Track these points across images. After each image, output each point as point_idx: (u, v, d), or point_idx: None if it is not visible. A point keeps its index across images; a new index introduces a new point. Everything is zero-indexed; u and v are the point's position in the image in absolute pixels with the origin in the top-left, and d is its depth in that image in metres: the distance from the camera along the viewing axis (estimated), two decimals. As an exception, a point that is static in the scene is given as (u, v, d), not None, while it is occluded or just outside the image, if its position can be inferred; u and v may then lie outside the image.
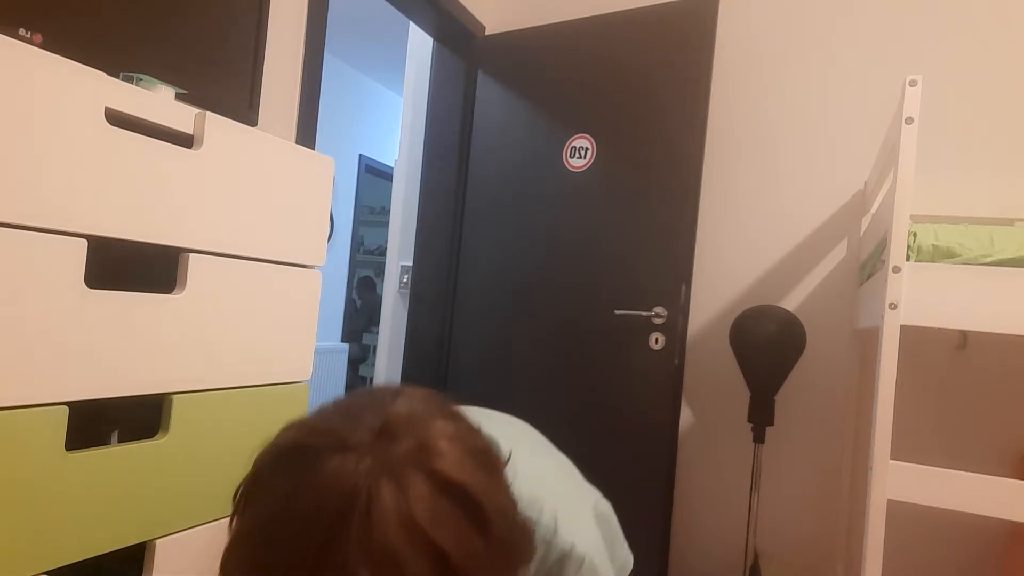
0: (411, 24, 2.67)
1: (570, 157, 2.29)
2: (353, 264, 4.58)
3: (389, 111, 4.92)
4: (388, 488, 0.43)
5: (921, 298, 1.29)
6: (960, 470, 1.26)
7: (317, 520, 0.42)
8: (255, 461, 0.48)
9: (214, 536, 0.93)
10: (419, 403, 0.49)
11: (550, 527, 0.66)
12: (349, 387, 4.65)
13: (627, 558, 0.88)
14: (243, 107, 1.52)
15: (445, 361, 2.49)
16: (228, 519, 0.94)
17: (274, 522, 0.44)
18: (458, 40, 2.50)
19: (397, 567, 0.41)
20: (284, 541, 0.43)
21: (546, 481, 0.71)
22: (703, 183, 2.23)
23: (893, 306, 1.29)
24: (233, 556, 0.45)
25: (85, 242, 0.74)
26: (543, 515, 0.66)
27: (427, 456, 0.45)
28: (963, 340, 1.88)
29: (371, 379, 5.16)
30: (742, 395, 2.09)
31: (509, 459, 0.53)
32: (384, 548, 0.41)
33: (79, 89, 0.73)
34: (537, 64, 2.37)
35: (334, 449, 0.45)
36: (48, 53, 0.70)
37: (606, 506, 0.83)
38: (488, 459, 0.49)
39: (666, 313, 2.10)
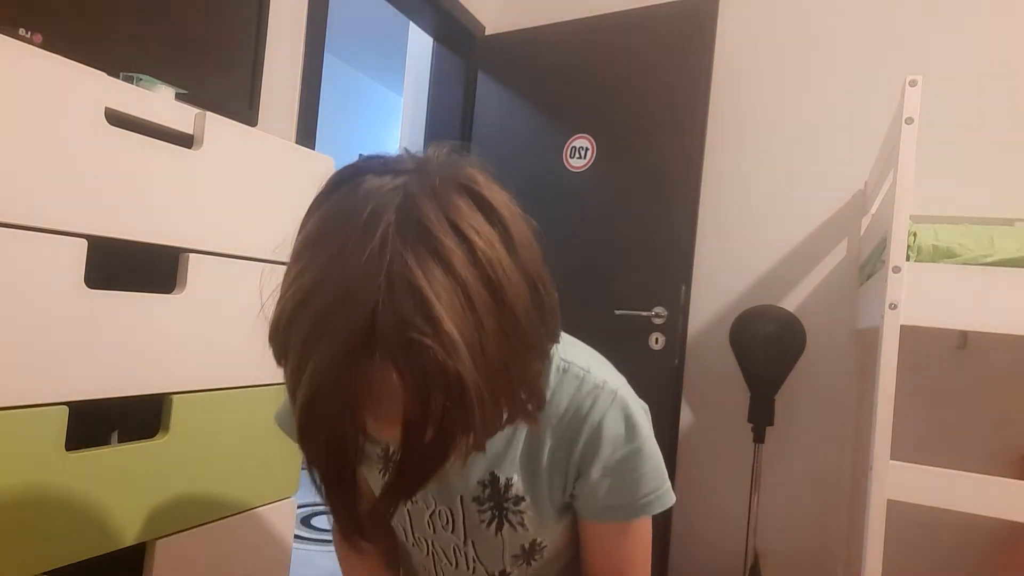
0: (411, 24, 2.67)
1: (570, 157, 2.29)
2: (353, 264, 4.58)
3: (389, 111, 4.92)
4: (425, 192, 0.47)
5: (921, 298, 1.29)
6: (960, 470, 1.26)
7: (359, 212, 0.46)
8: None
9: (214, 536, 0.93)
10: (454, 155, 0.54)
11: (583, 367, 0.66)
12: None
13: None
14: (243, 107, 1.52)
15: (445, 361, 2.49)
16: (228, 518, 0.94)
17: (323, 221, 0.49)
18: (458, 40, 2.50)
19: (434, 250, 0.45)
20: (330, 234, 0.47)
21: (584, 352, 0.71)
22: (703, 183, 2.23)
23: (893, 306, 1.29)
24: (292, 265, 0.49)
25: (85, 242, 0.74)
26: (577, 360, 0.67)
27: (463, 178, 0.49)
28: (963, 340, 1.88)
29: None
30: (742, 395, 2.09)
31: None
32: (420, 232, 0.45)
33: (79, 89, 0.73)
34: (537, 64, 2.37)
35: (378, 170, 0.50)
36: (48, 53, 0.70)
37: (644, 405, 0.81)
38: (519, 207, 0.52)
39: (666, 313, 2.10)
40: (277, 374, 1.05)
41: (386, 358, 0.44)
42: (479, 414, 0.46)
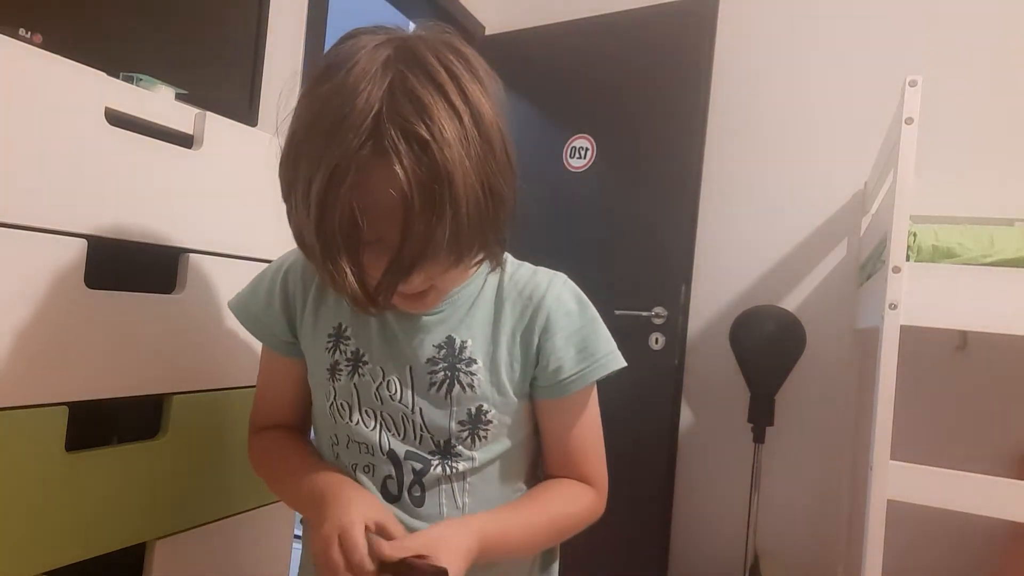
0: (411, 24, 2.67)
1: (570, 157, 2.29)
2: (353, 264, 4.57)
3: (389, 111, 4.91)
4: (417, 39, 0.59)
5: (921, 298, 1.29)
6: (960, 470, 1.26)
7: (359, 51, 0.56)
8: None
9: (214, 536, 0.93)
10: None
11: (532, 267, 0.77)
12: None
13: None
14: (243, 107, 1.52)
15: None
16: (228, 518, 0.94)
17: (325, 64, 0.58)
18: (458, 40, 2.49)
19: (427, 73, 0.55)
20: (333, 69, 0.56)
21: None
22: (703, 183, 2.23)
23: (893, 306, 1.29)
24: (299, 101, 0.60)
25: (85, 242, 0.74)
26: (527, 263, 0.78)
27: (447, 38, 0.60)
28: (963, 340, 1.88)
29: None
30: (742, 395, 2.09)
31: None
32: (415, 59, 0.56)
33: (79, 89, 0.73)
34: (537, 64, 2.37)
35: (371, 31, 0.60)
36: (48, 53, 0.70)
37: None
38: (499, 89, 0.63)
39: (666, 313, 2.10)
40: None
41: (389, 150, 0.53)
42: (465, 212, 0.55)
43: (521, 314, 0.72)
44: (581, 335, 0.73)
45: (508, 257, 0.75)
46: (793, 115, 2.16)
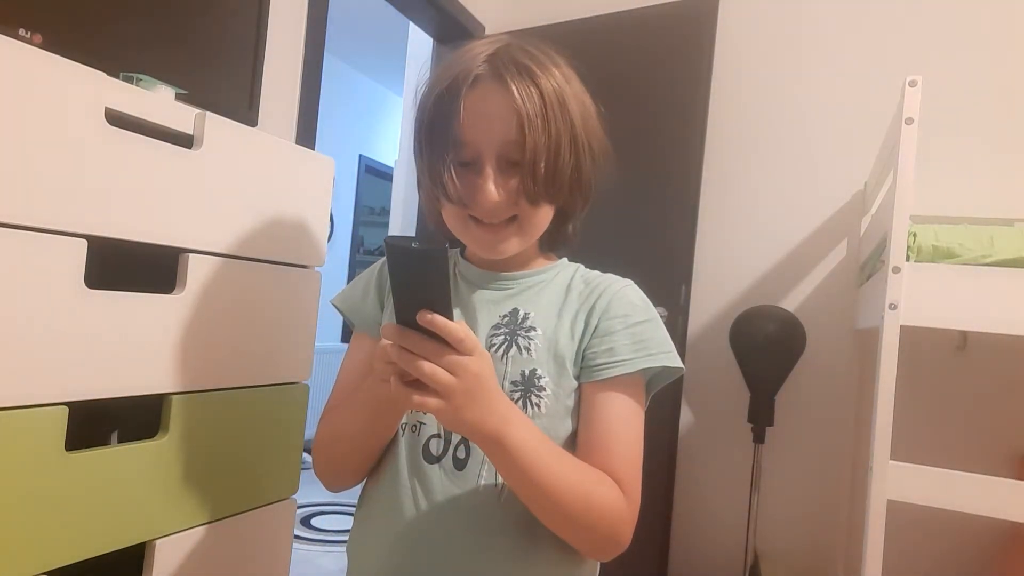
0: (411, 24, 2.67)
1: (570, 157, 2.28)
2: (353, 264, 4.57)
3: (389, 111, 4.91)
4: (517, 41, 0.73)
5: (921, 298, 1.29)
6: (960, 470, 1.26)
7: (472, 45, 0.73)
8: None
9: (214, 536, 0.93)
10: None
11: (603, 273, 0.84)
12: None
13: None
14: (243, 107, 1.52)
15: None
16: (228, 518, 0.94)
17: (437, 72, 0.74)
18: (458, 40, 2.49)
19: (528, 53, 0.72)
20: (452, 56, 0.73)
21: None
22: (703, 183, 2.23)
23: (893, 306, 1.29)
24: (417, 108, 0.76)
25: (85, 242, 0.74)
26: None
27: (535, 45, 0.74)
28: (963, 340, 1.88)
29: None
30: (742, 395, 2.09)
31: None
32: (519, 45, 0.72)
33: (79, 89, 0.73)
34: (537, 64, 2.36)
35: (479, 39, 0.75)
36: (48, 53, 0.70)
37: None
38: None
39: (666, 313, 2.10)
40: (276, 374, 1.05)
41: (501, 71, 0.68)
42: (548, 143, 0.69)
43: (586, 300, 0.77)
44: (640, 328, 0.75)
45: (580, 265, 0.85)
46: (793, 115, 2.16)
